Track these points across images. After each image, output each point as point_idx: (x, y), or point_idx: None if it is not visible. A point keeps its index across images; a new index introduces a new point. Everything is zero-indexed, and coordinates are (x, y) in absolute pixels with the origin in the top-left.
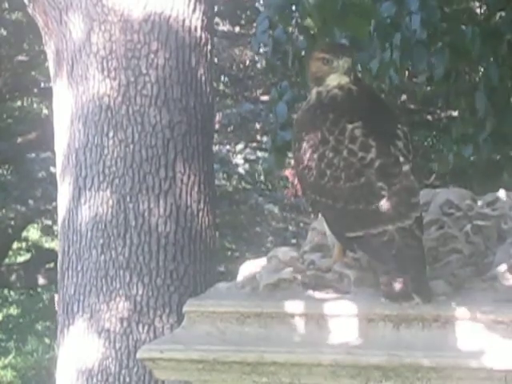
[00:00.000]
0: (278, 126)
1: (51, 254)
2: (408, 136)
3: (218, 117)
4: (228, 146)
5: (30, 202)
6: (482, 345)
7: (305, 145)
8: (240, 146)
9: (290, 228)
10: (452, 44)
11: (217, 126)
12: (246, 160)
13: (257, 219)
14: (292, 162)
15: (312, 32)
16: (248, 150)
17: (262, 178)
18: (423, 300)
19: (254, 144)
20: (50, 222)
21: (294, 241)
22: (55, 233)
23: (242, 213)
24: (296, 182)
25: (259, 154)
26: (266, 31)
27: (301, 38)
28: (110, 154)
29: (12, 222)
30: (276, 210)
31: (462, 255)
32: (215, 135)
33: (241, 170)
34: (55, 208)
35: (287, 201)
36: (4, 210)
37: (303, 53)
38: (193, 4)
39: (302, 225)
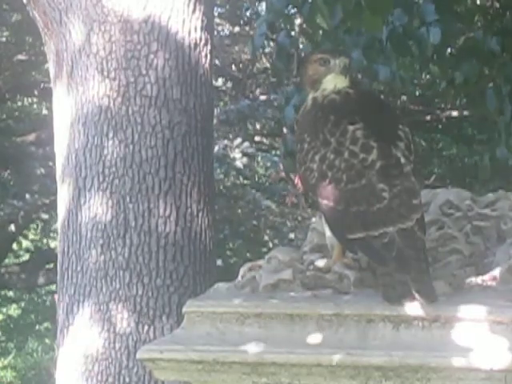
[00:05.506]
0: (288, 129)
1: (51, 254)
2: (409, 137)
3: (215, 112)
4: (226, 141)
5: (28, 197)
6: (482, 345)
7: (306, 146)
8: (238, 140)
9: (288, 223)
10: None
11: (214, 122)
12: (243, 153)
13: (254, 214)
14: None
15: (315, 39)
16: (246, 144)
17: (262, 171)
18: (427, 301)
19: (253, 143)
20: (47, 217)
21: (291, 235)
22: (54, 229)
23: (240, 207)
24: (297, 187)
25: (258, 152)
26: (263, 35)
27: (305, 42)
28: (109, 154)
29: (12, 223)
30: (274, 205)
31: (462, 255)
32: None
33: (238, 163)
34: (53, 202)
35: (285, 198)
36: (3, 210)
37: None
38: (193, 4)
39: (299, 218)
